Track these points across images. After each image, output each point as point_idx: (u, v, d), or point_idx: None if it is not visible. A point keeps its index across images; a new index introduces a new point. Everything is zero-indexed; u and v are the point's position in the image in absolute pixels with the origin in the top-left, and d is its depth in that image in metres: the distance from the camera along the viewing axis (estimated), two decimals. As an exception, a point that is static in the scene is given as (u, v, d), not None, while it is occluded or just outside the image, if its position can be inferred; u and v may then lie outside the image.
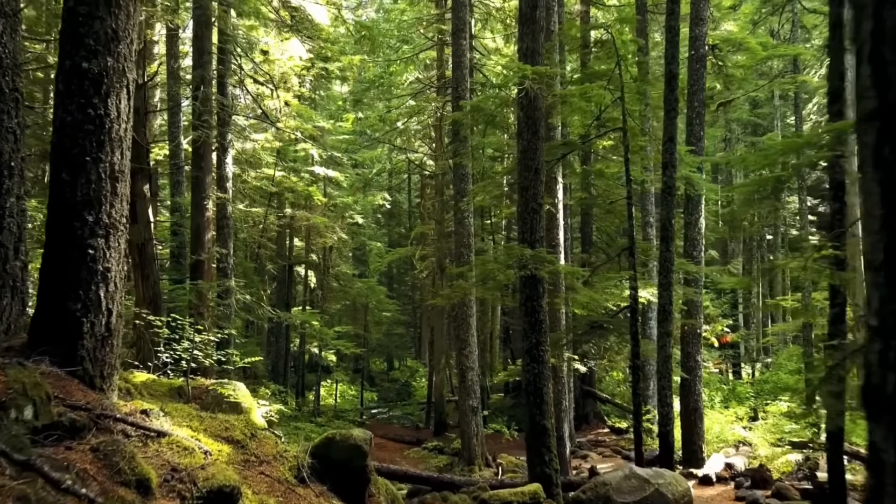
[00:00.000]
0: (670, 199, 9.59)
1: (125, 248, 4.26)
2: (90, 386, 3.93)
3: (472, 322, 14.41)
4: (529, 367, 8.06)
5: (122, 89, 4.18)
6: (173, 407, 5.12)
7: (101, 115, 4.06)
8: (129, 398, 5.05)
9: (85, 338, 3.94)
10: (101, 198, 4.05)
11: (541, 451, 7.96)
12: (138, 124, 13.04)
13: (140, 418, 3.89)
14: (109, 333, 4.08)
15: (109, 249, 4.08)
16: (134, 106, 14.21)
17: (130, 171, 13.66)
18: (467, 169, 14.28)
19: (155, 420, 3.99)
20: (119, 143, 4.16)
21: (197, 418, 5.06)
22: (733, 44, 12.76)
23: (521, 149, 8.25)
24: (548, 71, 7.67)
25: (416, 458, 15.53)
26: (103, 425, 3.56)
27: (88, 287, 3.98)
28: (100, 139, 4.06)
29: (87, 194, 4.01)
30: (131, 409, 3.98)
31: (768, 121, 29.91)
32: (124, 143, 4.21)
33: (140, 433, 3.68)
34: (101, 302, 4.03)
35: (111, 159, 4.10)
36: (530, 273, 7.73)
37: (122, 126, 4.19)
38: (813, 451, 13.48)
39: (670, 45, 9.59)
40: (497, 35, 22.66)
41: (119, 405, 3.99)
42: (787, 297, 22.36)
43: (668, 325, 9.55)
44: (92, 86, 4.04)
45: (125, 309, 13.94)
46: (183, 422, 4.51)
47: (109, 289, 4.08)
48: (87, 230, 3.99)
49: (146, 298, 13.11)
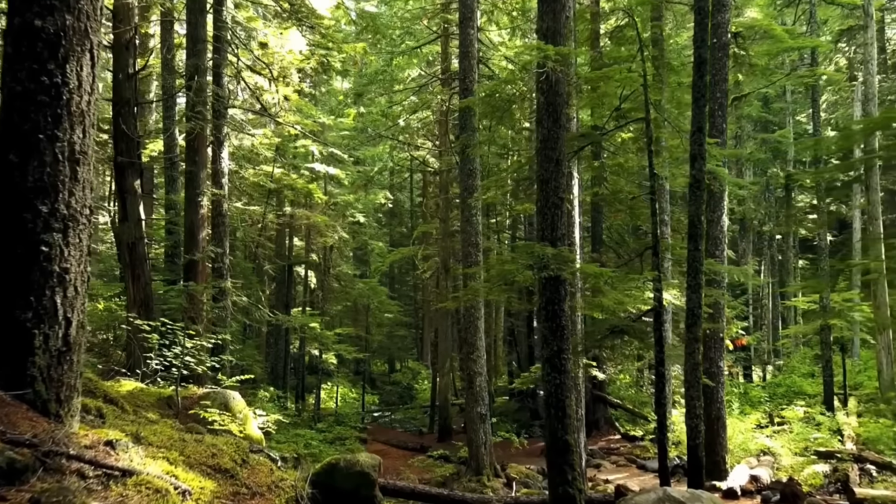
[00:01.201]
0: (699, 195, 8.88)
1: (89, 244, 3.56)
2: (43, 412, 3.23)
3: (481, 325, 13.71)
4: (550, 376, 7.36)
5: (85, 53, 3.48)
6: (151, 430, 4.42)
7: (57, 83, 3.36)
8: (99, 421, 4.34)
9: (37, 354, 3.25)
10: (57, 184, 3.35)
11: (563, 468, 7.25)
12: (129, 116, 12.37)
13: (102, 453, 3.19)
14: (68, 348, 3.38)
15: (68, 246, 3.38)
16: (125, 97, 13.30)
17: (121, 166, 12.72)
18: (475, 164, 13.57)
19: (122, 453, 3.29)
20: (81, 119, 3.46)
21: (179, 443, 4.36)
22: (756, 31, 12.08)
23: (541, 138, 7.55)
24: (572, 51, 6.99)
25: (421, 468, 14.82)
26: (53, 465, 2.86)
27: (42, 292, 3.28)
28: (56, 113, 3.36)
29: (40, 179, 3.31)
30: (93, 440, 3.28)
31: (780, 117, 29.22)
32: (87, 118, 3.50)
33: (100, 473, 2.98)
34: (58, 310, 3.33)
35: (70, 137, 3.40)
36: (552, 274, 7.03)
37: (85, 98, 3.48)
38: (841, 462, 12.80)
39: (699, 28, 8.90)
40: (503, 30, 21.99)
41: (79, 436, 3.28)
42: (800, 298, 21.67)
43: (696, 329, 8.84)
44: (47, 48, 3.34)
45: (117, 312, 13.12)
46: (160, 451, 3.81)
47: (68, 294, 3.38)
48: (40, 223, 3.30)
49: (137, 300, 12.41)
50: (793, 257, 28.86)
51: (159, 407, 8.65)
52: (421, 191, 30.43)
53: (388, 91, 21.86)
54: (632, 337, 9.95)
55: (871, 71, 17.95)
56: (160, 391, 9.18)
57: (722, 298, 11.31)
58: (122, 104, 11.89)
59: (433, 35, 20.16)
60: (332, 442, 16.95)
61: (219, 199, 13.00)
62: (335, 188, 23.92)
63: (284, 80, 15.03)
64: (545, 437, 7.67)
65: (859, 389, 21.55)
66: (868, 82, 17.91)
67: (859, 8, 19.57)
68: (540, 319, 7.65)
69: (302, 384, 25.13)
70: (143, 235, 12.41)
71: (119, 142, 11.95)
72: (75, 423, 3.46)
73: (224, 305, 13.06)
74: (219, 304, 12.78)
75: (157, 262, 17.25)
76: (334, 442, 17.01)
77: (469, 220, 13.64)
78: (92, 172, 3.63)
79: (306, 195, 20.21)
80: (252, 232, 20.22)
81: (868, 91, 18.03)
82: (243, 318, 17.60)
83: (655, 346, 9.36)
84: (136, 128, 12.51)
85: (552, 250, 7.05)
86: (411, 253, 23.15)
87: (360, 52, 14.26)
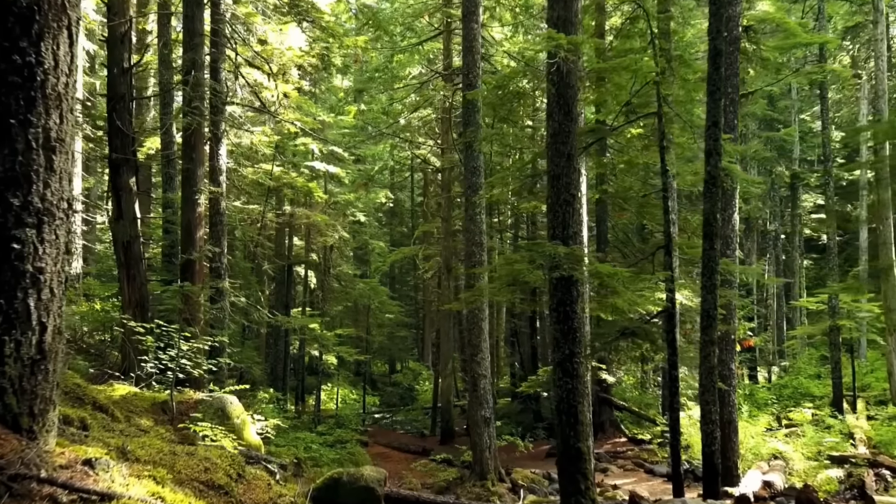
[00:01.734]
0: (715, 192, 8.55)
1: (67, 241, 3.23)
2: (13, 428, 2.90)
3: (485, 326, 13.38)
4: (562, 381, 7.03)
5: (62, 31, 3.14)
6: (139, 443, 4.08)
7: (31, 63, 3.03)
8: (81, 434, 4.01)
9: (7, 362, 2.91)
10: (30, 174, 3.01)
11: (576, 477, 6.92)
12: (124, 111, 12.04)
13: (80, 474, 2.85)
14: (42, 356, 3.05)
15: (43, 244, 3.05)
16: (120, 92, 12.95)
17: (115, 163, 12.36)
18: (479, 161, 13.24)
19: (102, 473, 2.96)
20: (57, 103, 3.12)
21: (169, 457, 4.03)
22: (769, 24, 11.76)
23: (551, 132, 7.22)
24: (585, 40, 6.66)
25: (424, 472, 14.49)
26: (20, 490, 2.53)
27: (13, 294, 2.95)
28: (29, 96, 3.02)
29: (11, 169, 2.97)
30: (70, 458, 2.95)
31: (785, 115, 28.89)
32: (65, 102, 3.17)
33: (75, 498, 2.65)
34: (31, 314, 3.00)
35: (45, 123, 3.07)
36: (564, 274, 6.70)
37: (62, 80, 3.15)
38: (855, 467, 12.47)
39: (714, 19, 8.57)
40: (505, 26, 21.67)
41: (53, 455, 2.95)
42: (810, 298, 21.37)
43: (711, 332, 8.51)
44: (18, 24, 3.01)
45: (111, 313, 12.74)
46: (146, 468, 3.47)
47: (42, 296, 3.04)
48: (11, 218, 2.96)
49: (132, 301, 12.07)
50: (798, 257, 28.54)
51: (153, 412, 8.31)
52: (422, 190, 30.11)
53: (389, 88, 21.54)
54: (642, 339, 9.61)
55: (882, 67, 17.63)
56: (154, 396, 8.84)
57: (735, 299, 10.98)
58: (117, 99, 11.57)
59: (435, 31, 19.84)
60: (333, 445, 16.60)
61: (216, 196, 12.67)
62: (335, 187, 23.58)
63: (284, 77, 14.71)
64: (557, 445, 7.35)
65: (867, 391, 21.24)
66: (878, 78, 17.59)
67: (868, 3, 19.26)
68: (551, 321, 7.32)
69: (302, 385, 24.80)
70: (139, 234, 12.08)
71: (114, 138, 11.63)
72: (51, 438, 3.13)
73: (222, 306, 12.73)
74: (216, 305, 12.45)
75: (155, 262, 16.92)
76: (335, 445, 16.66)
77: (473, 219, 13.31)
78: (71, 162, 3.29)
79: (306, 194, 19.87)
80: (251, 231, 19.88)
81: (878, 87, 17.72)
82: (242, 319, 17.26)
83: (668, 349, 9.03)
84: (132, 124, 12.19)
85: (564, 249, 6.72)
86: (412, 252, 22.83)
87: (362, 45, 13.91)
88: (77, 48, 3.29)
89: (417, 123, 22.93)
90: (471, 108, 12.79)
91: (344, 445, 16.65)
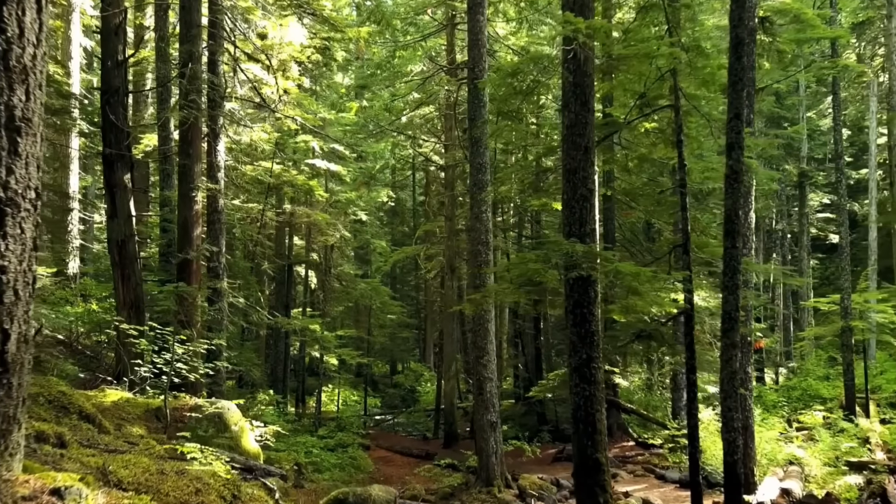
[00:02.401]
0: (737, 187, 8.13)
1: (35, 236, 2.82)
2: (-31, 453, 2.50)
3: (491, 328, 12.98)
4: (579, 387, 6.62)
5: (29, -6, 2.74)
6: (123, 462, 3.67)
7: (-9, 30, 2.62)
8: (57, 453, 3.60)
9: (-38, 377, 2.51)
10: (-10, 158, 2.61)
11: (593, 490, 6.52)
12: (118, 105, 11.61)
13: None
14: (5, 368, 2.64)
15: (5, 239, 2.64)
16: (114, 85, 12.51)
17: (109, 158, 11.85)
18: (486, 157, 12.83)
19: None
20: (23, 77, 2.72)
21: (156, 477, 3.62)
22: (786, 15, 11.36)
23: (568, 123, 6.81)
24: (606, 25, 6.25)
25: (428, 477, 14.08)
26: (-31, 531, 2.13)
27: (-30, 297, 2.55)
28: (-10, 68, 2.62)
29: (-32, 153, 2.57)
30: (35, 487, 2.54)
31: (792, 112, 28.48)
32: (32, 76, 2.76)
33: (37, 538, 2.25)
34: (-8, 320, 2.59)
35: (8, 100, 2.66)
36: (582, 274, 6.29)
37: (29, 51, 2.74)
38: (875, 473, 12.06)
39: (737, 5, 8.16)
40: (510, 22, 21.26)
41: (16, 483, 2.54)
42: (822, 298, 20.91)
43: (734, 334, 8.10)
44: (-23, -15, 2.61)
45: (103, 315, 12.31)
46: (127, 494, 3.06)
47: (5, 299, 2.64)
48: (-33, 208, 2.56)
49: (127, 302, 11.64)
50: (806, 256, 28.11)
51: (146, 420, 7.91)
52: (423, 189, 29.72)
53: (391, 84, 21.14)
54: (658, 342, 9.22)
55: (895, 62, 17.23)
56: (148, 402, 8.44)
57: (753, 300, 10.58)
58: (111, 93, 11.15)
59: (438, 26, 19.43)
60: (334, 449, 16.20)
61: (214, 194, 12.27)
62: (336, 185, 23.17)
63: (284, 73, 14.31)
64: (573, 455, 6.95)
65: (878, 393, 20.81)
66: (893, 73, 17.18)
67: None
68: (567, 324, 6.91)
69: (302, 387, 24.41)
70: (134, 233, 11.66)
71: (108, 133, 11.21)
72: (16, 463, 2.72)
73: (220, 307, 12.33)
74: (214, 306, 12.05)
75: (153, 262, 16.51)
76: (336, 449, 16.26)
77: (479, 217, 12.90)
78: (41, 146, 2.89)
79: (307, 192, 19.48)
80: (250, 230, 19.46)
81: (893, 84, 17.31)
82: (241, 321, 16.88)
83: (686, 352, 8.62)
84: (126, 118, 11.78)
85: (582, 247, 6.31)
86: (414, 252, 22.44)
87: (364, 36, 13.49)
88: (47, 15, 2.88)
89: (420, 121, 22.54)
90: (477, 102, 12.39)
91: (345, 449, 16.25)
